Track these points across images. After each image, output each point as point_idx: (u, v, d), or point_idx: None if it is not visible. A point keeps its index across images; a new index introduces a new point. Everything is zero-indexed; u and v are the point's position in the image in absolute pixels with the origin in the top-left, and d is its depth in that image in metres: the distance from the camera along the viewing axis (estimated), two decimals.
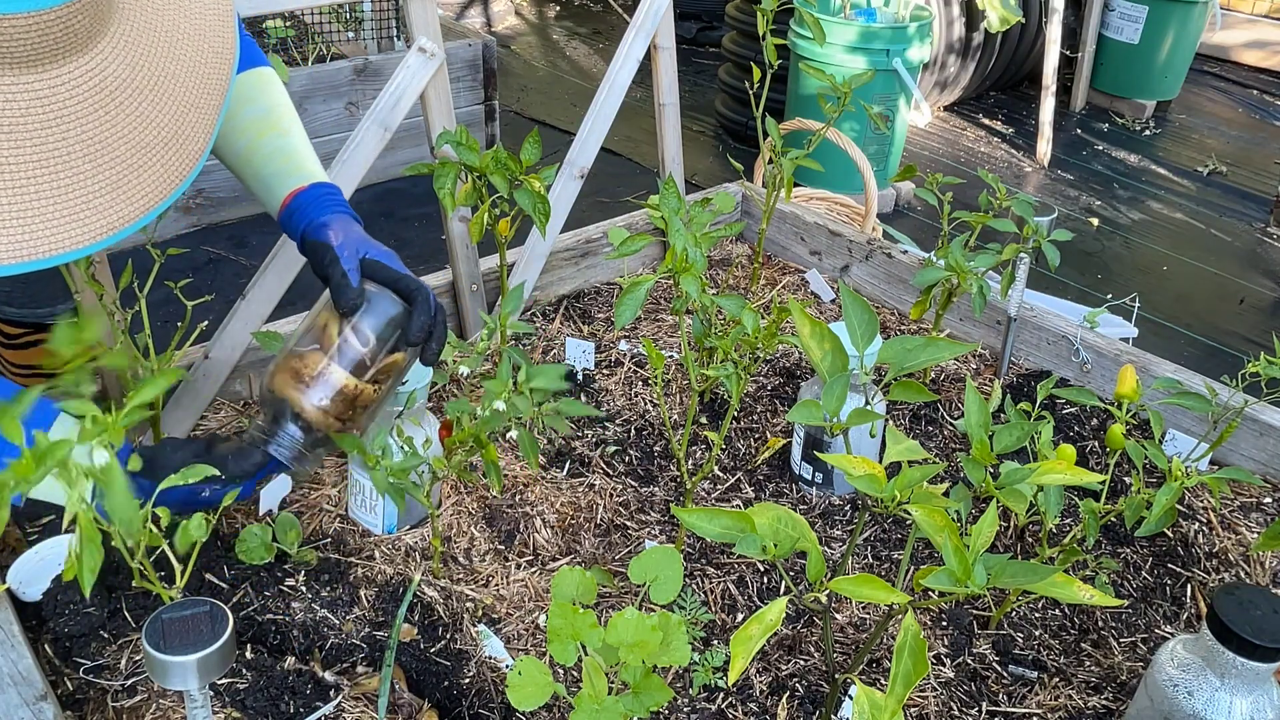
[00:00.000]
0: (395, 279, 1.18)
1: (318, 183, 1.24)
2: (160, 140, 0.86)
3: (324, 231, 1.18)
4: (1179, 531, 1.51)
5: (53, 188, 0.79)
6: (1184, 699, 1.07)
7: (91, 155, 0.81)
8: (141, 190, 0.84)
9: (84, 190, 0.80)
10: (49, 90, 0.78)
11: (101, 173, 0.81)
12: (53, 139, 0.78)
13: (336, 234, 1.18)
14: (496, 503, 1.48)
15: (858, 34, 3.62)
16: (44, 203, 0.78)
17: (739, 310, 1.29)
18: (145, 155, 0.84)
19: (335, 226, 1.18)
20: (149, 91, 0.85)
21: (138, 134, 0.84)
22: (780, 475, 1.60)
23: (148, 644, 0.96)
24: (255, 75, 1.28)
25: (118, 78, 0.82)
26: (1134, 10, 4.82)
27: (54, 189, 0.79)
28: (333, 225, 1.18)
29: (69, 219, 0.80)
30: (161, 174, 0.86)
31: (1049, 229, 1.63)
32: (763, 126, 1.85)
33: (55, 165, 0.79)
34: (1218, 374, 1.72)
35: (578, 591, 1.04)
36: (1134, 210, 4.15)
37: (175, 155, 0.87)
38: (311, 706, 1.18)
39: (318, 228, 1.19)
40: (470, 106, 3.92)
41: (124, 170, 0.83)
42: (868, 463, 0.99)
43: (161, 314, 1.44)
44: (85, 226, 0.81)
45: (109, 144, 0.82)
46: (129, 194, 0.83)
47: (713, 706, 1.23)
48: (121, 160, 0.83)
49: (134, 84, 0.84)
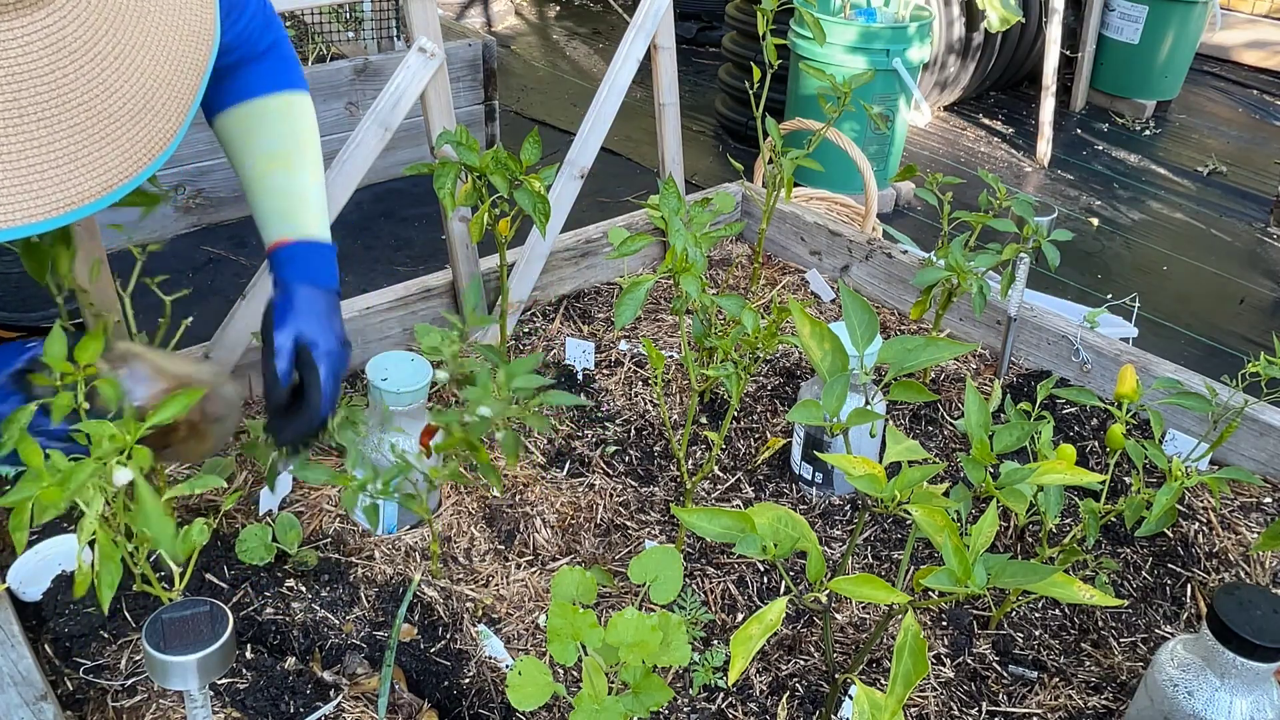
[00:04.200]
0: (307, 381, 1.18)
1: (303, 241, 1.22)
2: (126, 112, 0.79)
3: (282, 302, 1.19)
4: (1179, 531, 1.51)
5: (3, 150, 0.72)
6: (1184, 699, 1.07)
7: (46, 120, 0.74)
8: (104, 164, 0.78)
9: (38, 158, 0.74)
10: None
11: (58, 139, 0.74)
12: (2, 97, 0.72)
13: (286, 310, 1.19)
14: (496, 503, 1.48)
15: (858, 34, 3.62)
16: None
17: (739, 310, 1.29)
18: (109, 125, 0.77)
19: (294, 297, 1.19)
20: (113, 59, 0.78)
21: (100, 103, 0.77)
22: (780, 475, 1.60)
23: (148, 644, 0.96)
24: (282, 101, 1.25)
25: (77, 38, 0.75)
26: (1134, 10, 4.82)
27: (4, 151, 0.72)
28: (293, 295, 1.19)
29: (22, 189, 0.73)
30: (128, 149, 0.79)
31: (1049, 229, 1.63)
32: (763, 126, 1.85)
33: (4, 128, 0.72)
34: (1218, 374, 1.72)
35: (578, 591, 1.04)
36: (1134, 210, 4.15)
37: (144, 130, 0.80)
38: (311, 706, 1.18)
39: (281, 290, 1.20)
40: (470, 106, 3.92)
41: (84, 140, 0.76)
42: (868, 463, 0.99)
43: (158, 313, 1.44)
44: (41, 198, 0.74)
45: (66, 109, 0.75)
46: (90, 167, 0.77)
47: (713, 706, 1.23)
48: (81, 129, 0.76)
49: (96, 49, 0.77)
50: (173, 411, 1.02)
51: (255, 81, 1.24)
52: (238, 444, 1.56)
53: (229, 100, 1.24)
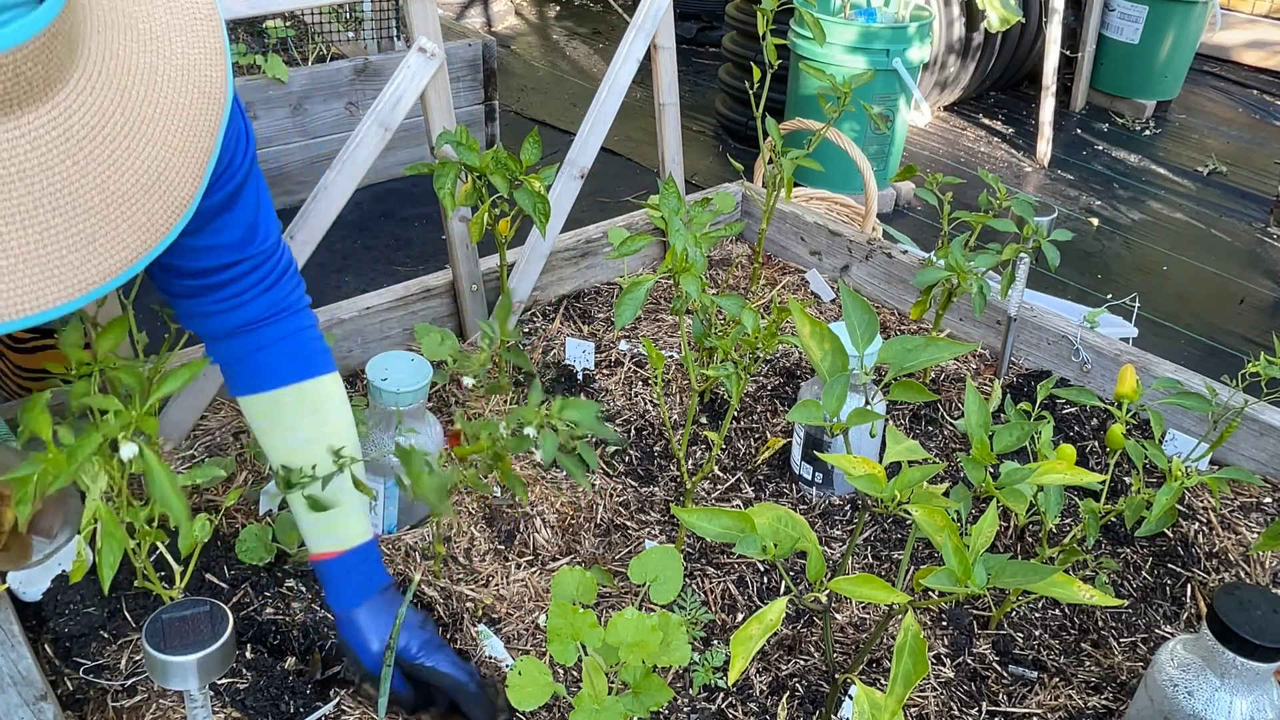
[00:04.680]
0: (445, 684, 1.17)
1: (347, 553, 1.19)
2: (140, 188, 0.80)
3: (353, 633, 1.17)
4: (1179, 531, 1.51)
5: (21, 244, 0.74)
6: (1184, 699, 1.07)
7: (60, 208, 0.76)
8: (120, 242, 0.79)
9: (57, 245, 0.76)
10: (8, 143, 0.73)
11: (73, 226, 0.77)
12: (15, 194, 0.74)
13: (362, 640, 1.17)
14: (496, 503, 1.48)
15: (858, 34, 3.62)
16: (13, 261, 0.74)
17: (739, 310, 1.29)
18: (124, 205, 0.79)
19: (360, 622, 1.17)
20: (124, 137, 0.79)
21: (113, 183, 0.78)
22: (780, 475, 1.60)
23: (148, 644, 0.96)
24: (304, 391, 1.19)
25: (86, 125, 0.77)
26: (1134, 10, 4.82)
27: (22, 246, 0.74)
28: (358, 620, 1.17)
29: (42, 277, 0.75)
30: (144, 224, 0.81)
31: (1049, 229, 1.63)
32: (763, 126, 1.85)
33: (21, 221, 0.74)
34: (1218, 374, 1.72)
35: (578, 591, 1.04)
36: (1134, 210, 4.15)
37: (159, 202, 0.82)
38: (311, 706, 1.18)
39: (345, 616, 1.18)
40: (470, 106, 3.92)
41: (100, 222, 0.78)
42: (868, 463, 0.99)
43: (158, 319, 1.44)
44: (61, 284, 0.76)
45: (80, 195, 0.77)
46: (108, 247, 0.79)
47: (713, 706, 1.23)
48: (96, 211, 0.78)
49: (105, 131, 0.78)
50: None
51: (274, 368, 1.18)
52: (236, 446, 1.56)
53: (247, 387, 1.19)
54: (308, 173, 3.50)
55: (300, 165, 3.52)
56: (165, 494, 0.98)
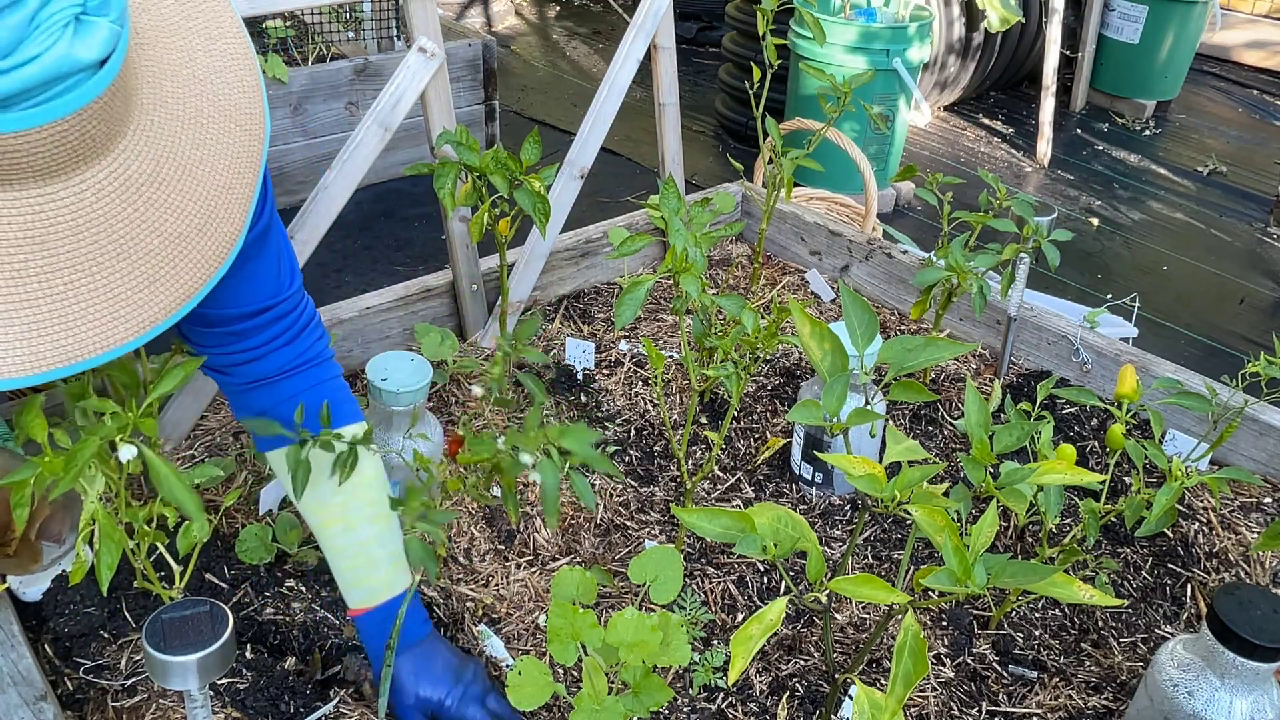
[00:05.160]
0: None
1: (381, 607, 1.19)
2: (194, 228, 0.86)
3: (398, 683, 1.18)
4: (1179, 531, 1.51)
5: (90, 290, 0.80)
6: (1184, 699, 1.07)
7: (125, 254, 0.81)
8: (178, 280, 0.85)
9: (122, 288, 0.81)
10: (75, 197, 0.78)
11: (137, 268, 0.82)
12: (84, 244, 0.79)
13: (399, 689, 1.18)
14: (497, 502, 1.48)
15: (858, 34, 3.62)
16: (83, 306, 0.79)
17: (739, 310, 1.29)
18: (179, 246, 0.85)
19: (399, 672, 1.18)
20: (176, 182, 0.85)
21: (169, 225, 0.84)
22: (780, 475, 1.60)
23: (148, 644, 0.96)
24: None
25: (143, 173, 0.82)
26: (1134, 10, 4.82)
27: (91, 291, 0.80)
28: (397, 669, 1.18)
29: (110, 318, 0.81)
30: (198, 260, 0.86)
31: (1049, 229, 1.63)
32: (763, 126, 1.85)
33: (90, 269, 0.80)
34: (1218, 374, 1.72)
35: (578, 591, 1.04)
36: (1134, 210, 4.15)
37: (210, 240, 0.87)
38: (311, 706, 1.18)
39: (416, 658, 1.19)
40: (470, 106, 3.92)
41: (160, 263, 0.83)
42: (868, 463, 0.99)
43: None
44: (127, 323, 0.82)
45: (140, 239, 0.82)
46: (167, 285, 0.84)
47: (713, 706, 1.23)
48: (156, 253, 0.83)
49: (160, 176, 0.84)
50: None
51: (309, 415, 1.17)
52: (238, 444, 1.56)
53: (273, 441, 1.19)
54: (308, 173, 3.50)
55: (300, 165, 3.51)
56: (176, 492, 0.98)
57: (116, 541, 1.00)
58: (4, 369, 0.77)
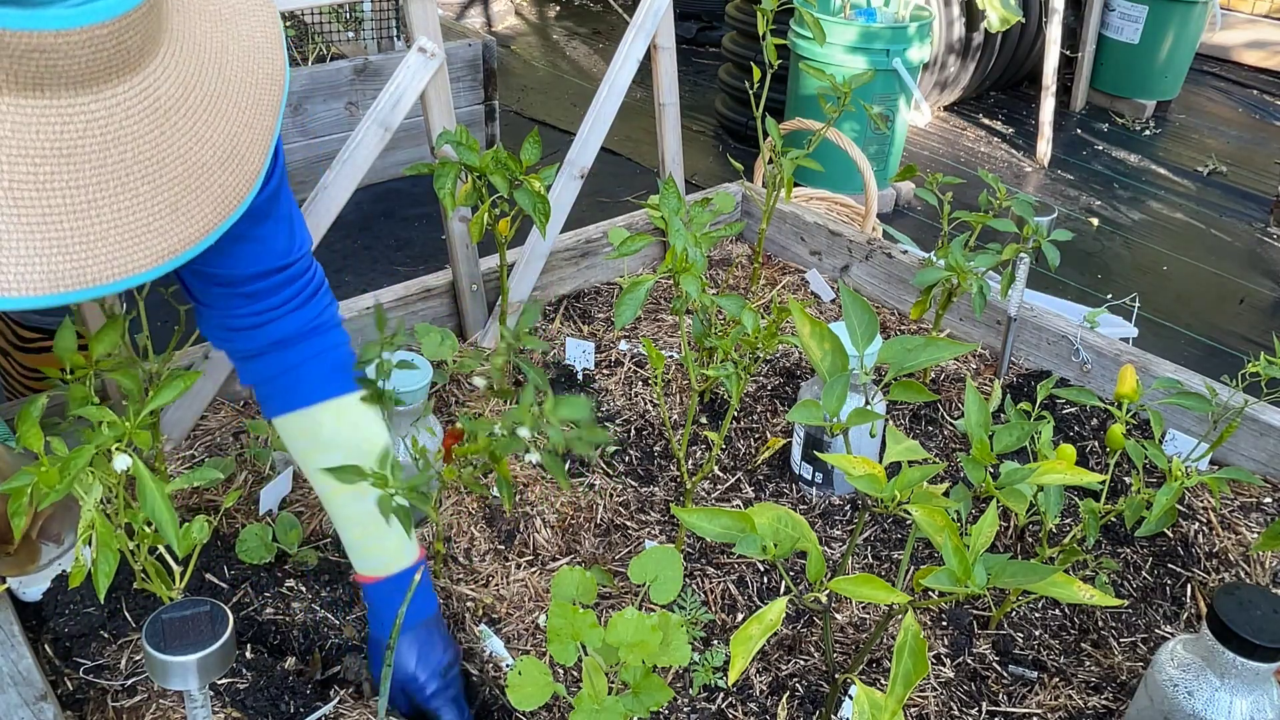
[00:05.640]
0: None
1: (388, 579, 1.19)
2: (217, 160, 0.84)
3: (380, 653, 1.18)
4: (1179, 531, 1.51)
5: (113, 210, 0.78)
6: (1184, 699, 1.07)
7: (150, 176, 0.80)
8: (200, 211, 0.83)
9: (144, 212, 0.79)
10: (105, 111, 0.77)
11: (160, 194, 0.80)
12: (110, 161, 0.78)
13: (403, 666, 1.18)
14: (497, 502, 1.48)
15: (858, 34, 3.62)
16: (105, 226, 0.78)
17: (739, 310, 1.29)
18: (203, 175, 0.83)
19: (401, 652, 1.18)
20: (202, 111, 0.84)
21: (194, 154, 0.83)
22: (780, 475, 1.60)
23: (148, 644, 0.96)
24: (344, 409, 1.18)
25: (171, 96, 0.81)
26: (1134, 10, 4.82)
27: (114, 211, 0.78)
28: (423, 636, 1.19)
29: (131, 242, 0.79)
30: (220, 194, 0.85)
31: (1049, 229, 1.63)
32: (763, 126, 1.85)
33: (115, 188, 0.78)
34: (1218, 374, 1.72)
35: (578, 591, 1.04)
36: (1134, 210, 4.15)
37: (232, 175, 0.86)
38: (311, 706, 1.18)
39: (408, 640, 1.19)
40: (470, 106, 3.92)
41: (182, 191, 0.82)
42: (868, 463, 0.99)
43: (161, 314, 1.43)
44: (147, 250, 0.80)
45: (166, 164, 0.81)
46: (189, 215, 0.82)
47: (713, 706, 1.23)
48: (179, 181, 0.82)
49: (187, 103, 0.83)
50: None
51: (308, 385, 1.18)
52: (238, 445, 1.56)
53: (282, 406, 1.18)
54: (308, 173, 3.50)
55: (300, 165, 3.52)
56: (157, 511, 0.99)
57: (114, 550, 1.00)
58: (22, 286, 0.75)
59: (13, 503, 0.94)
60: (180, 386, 1.06)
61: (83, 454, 0.95)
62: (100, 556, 0.99)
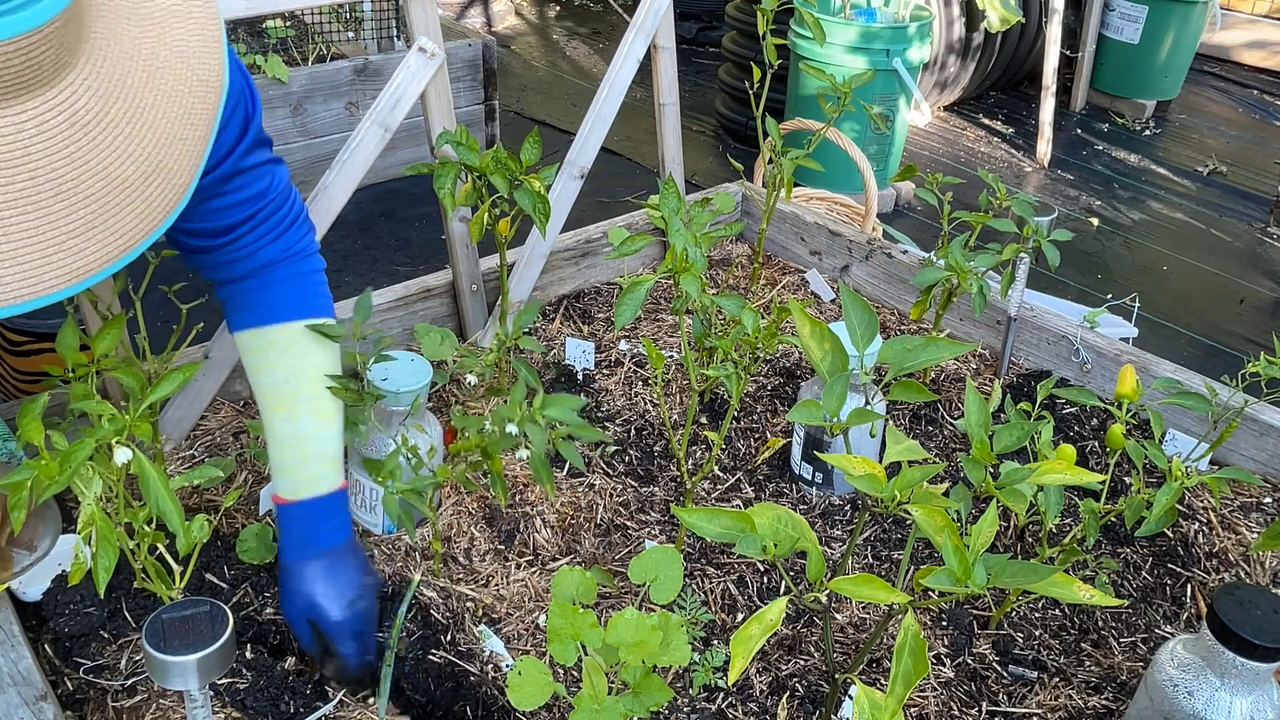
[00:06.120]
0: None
1: (299, 503, 1.20)
2: (140, 175, 0.81)
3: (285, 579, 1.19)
4: (1179, 531, 1.51)
5: (23, 230, 0.75)
6: (1184, 699, 1.07)
7: (64, 194, 0.76)
8: (119, 229, 0.80)
9: (57, 231, 0.76)
10: (13, 129, 0.73)
11: (75, 212, 0.77)
12: (20, 179, 0.74)
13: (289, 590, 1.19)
14: (497, 503, 1.48)
15: (858, 34, 3.62)
16: (14, 246, 0.74)
17: (739, 310, 1.29)
18: (123, 192, 0.80)
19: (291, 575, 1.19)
20: (125, 124, 0.80)
21: (114, 170, 0.79)
22: (780, 475, 1.60)
23: (148, 644, 0.96)
24: (292, 333, 1.20)
25: (90, 110, 0.77)
26: (1134, 10, 4.82)
27: (23, 231, 0.75)
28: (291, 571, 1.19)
29: (42, 262, 0.76)
30: (142, 211, 0.81)
31: (1049, 229, 1.63)
32: (763, 126, 1.85)
33: (24, 207, 0.74)
34: (1218, 374, 1.72)
35: (578, 591, 1.04)
36: (1134, 210, 4.15)
37: (157, 190, 0.82)
38: (311, 706, 1.18)
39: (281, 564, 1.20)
40: (470, 106, 3.92)
41: (100, 208, 0.78)
42: (868, 463, 0.99)
43: (161, 315, 1.44)
44: (59, 270, 0.77)
45: (83, 181, 0.77)
46: (105, 234, 0.79)
47: (713, 706, 1.23)
48: (97, 198, 0.78)
49: (109, 117, 0.79)
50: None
51: (270, 306, 1.19)
52: (239, 445, 1.56)
53: (241, 323, 1.19)
54: (308, 173, 3.50)
55: (300, 165, 3.52)
56: (161, 502, 0.98)
57: (114, 545, 1.00)
58: None
59: (12, 497, 0.94)
60: (180, 379, 1.06)
61: (83, 447, 0.95)
62: (100, 551, 0.99)
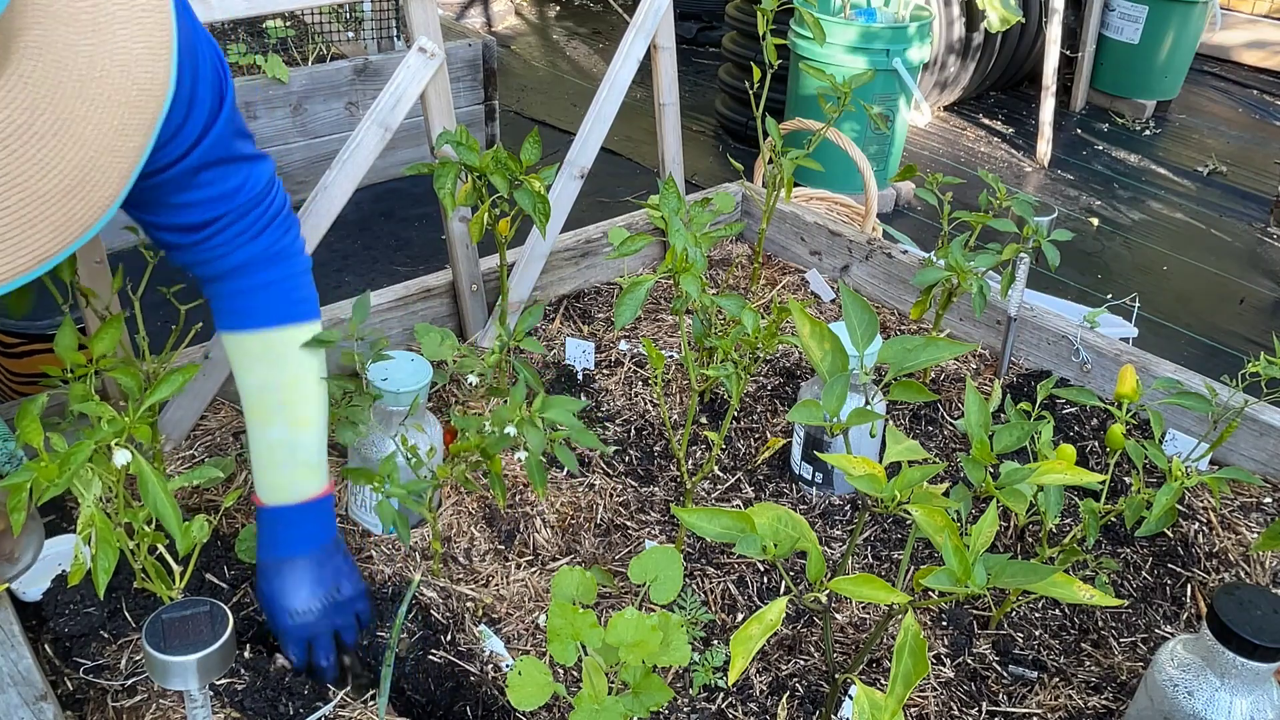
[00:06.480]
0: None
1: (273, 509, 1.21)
2: (60, 189, 0.78)
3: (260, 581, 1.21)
4: (1179, 531, 1.51)
5: None
6: (1184, 699, 1.07)
7: None
8: (31, 244, 0.77)
9: None
10: None
11: None
12: None
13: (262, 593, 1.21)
14: (497, 503, 1.48)
15: (858, 34, 3.62)
16: None
17: (739, 310, 1.29)
18: (41, 206, 0.77)
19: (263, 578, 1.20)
20: (51, 136, 0.77)
21: (35, 183, 0.76)
22: (780, 475, 1.60)
23: (148, 644, 0.96)
24: (270, 340, 1.19)
25: (12, 122, 0.75)
26: (1134, 10, 4.82)
27: None
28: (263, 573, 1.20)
29: None
30: (60, 225, 0.79)
31: (1049, 229, 1.63)
32: (763, 126, 1.85)
33: None
34: (1218, 374, 1.72)
35: (578, 591, 1.04)
36: (1134, 210, 4.15)
37: (79, 204, 0.79)
38: (311, 707, 1.18)
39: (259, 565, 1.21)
40: (470, 106, 3.92)
41: (13, 222, 0.76)
42: (868, 463, 0.99)
43: (161, 315, 1.44)
44: None
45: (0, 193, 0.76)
46: (15, 247, 0.76)
47: (713, 706, 1.23)
48: (12, 211, 0.75)
49: (34, 129, 0.76)
50: None
51: (251, 312, 1.18)
52: (239, 445, 1.56)
53: (223, 325, 1.19)
54: (308, 173, 3.50)
55: (300, 165, 3.51)
56: (159, 505, 0.98)
57: (113, 545, 1.00)
58: None
59: (11, 498, 0.93)
60: (180, 380, 1.06)
61: (82, 449, 0.95)
62: (100, 552, 0.99)
